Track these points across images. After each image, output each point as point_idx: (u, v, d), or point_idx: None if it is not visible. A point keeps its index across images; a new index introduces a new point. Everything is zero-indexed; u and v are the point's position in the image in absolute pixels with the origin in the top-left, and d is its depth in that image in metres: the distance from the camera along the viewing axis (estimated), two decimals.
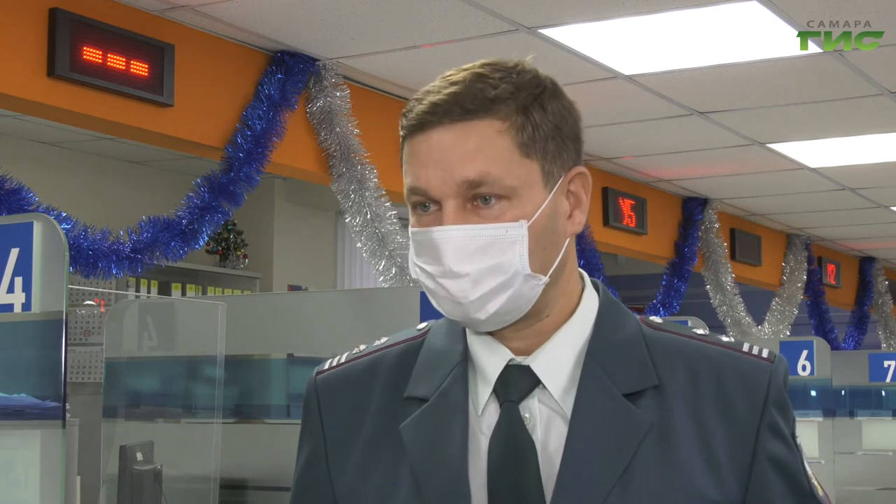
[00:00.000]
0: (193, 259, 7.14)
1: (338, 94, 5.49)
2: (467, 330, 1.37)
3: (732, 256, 9.26)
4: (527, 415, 1.32)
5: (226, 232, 8.02)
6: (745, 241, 9.59)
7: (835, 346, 10.38)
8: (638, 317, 1.40)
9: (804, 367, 6.42)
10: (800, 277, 10.30)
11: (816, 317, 10.72)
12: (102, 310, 6.60)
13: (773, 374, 1.34)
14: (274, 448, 4.20)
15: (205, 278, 7.98)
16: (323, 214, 8.74)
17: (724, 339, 1.39)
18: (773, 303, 10.01)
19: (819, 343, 6.52)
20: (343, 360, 1.45)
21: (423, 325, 1.45)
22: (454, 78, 1.32)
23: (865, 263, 11.90)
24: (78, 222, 4.50)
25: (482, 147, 1.28)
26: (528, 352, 1.34)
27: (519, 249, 1.29)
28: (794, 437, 1.35)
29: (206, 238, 5.07)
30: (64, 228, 4.15)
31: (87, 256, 4.50)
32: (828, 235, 10.67)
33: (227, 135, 5.15)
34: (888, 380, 7.61)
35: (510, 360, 1.34)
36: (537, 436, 1.31)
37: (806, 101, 6.21)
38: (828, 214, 9.62)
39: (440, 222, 1.30)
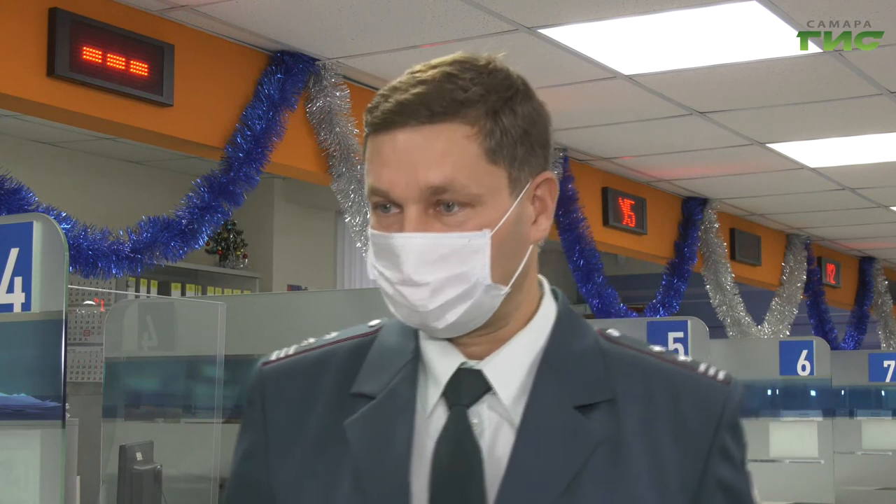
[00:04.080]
0: (193, 259, 7.14)
1: (338, 94, 5.49)
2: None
3: (732, 256, 9.26)
4: (475, 420, 1.28)
5: (226, 232, 8.02)
6: (744, 241, 9.58)
7: (834, 346, 10.38)
8: (595, 329, 1.37)
9: (804, 367, 6.41)
10: (799, 277, 10.29)
11: (816, 317, 10.72)
12: (102, 310, 6.60)
13: (729, 398, 1.33)
14: None
15: (204, 278, 7.98)
16: (323, 214, 8.74)
17: (682, 357, 1.37)
18: (773, 303, 10.01)
19: (819, 343, 6.52)
20: (291, 352, 1.41)
21: (376, 321, 1.41)
22: (422, 76, 1.27)
23: (865, 263, 11.90)
24: (78, 222, 4.50)
25: (449, 152, 1.24)
26: (482, 356, 1.31)
27: (481, 259, 1.25)
28: (744, 462, 1.33)
29: (206, 238, 5.07)
30: (64, 228, 4.15)
31: (86, 256, 4.50)
32: (828, 235, 10.67)
33: (227, 135, 5.15)
34: (888, 380, 7.61)
35: (462, 364, 1.30)
36: (484, 442, 1.28)
37: (806, 101, 6.21)
38: (828, 214, 9.61)
39: (401, 226, 1.26)
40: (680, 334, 5.01)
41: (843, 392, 7.64)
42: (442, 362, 1.32)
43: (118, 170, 7.83)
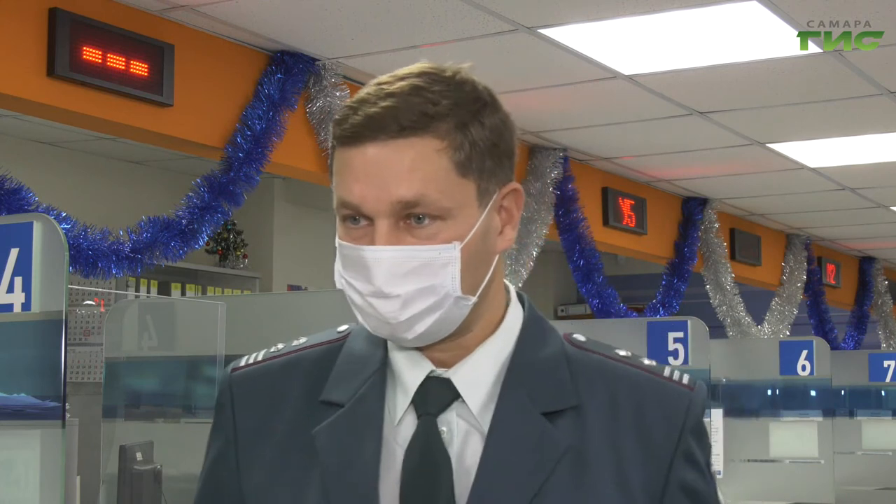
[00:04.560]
0: (193, 259, 7.14)
1: (338, 94, 5.49)
2: None
3: (732, 256, 9.26)
4: (444, 428, 1.30)
5: (226, 232, 8.02)
6: (744, 241, 9.58)
7: (834, 346, 10.37)
8: (562, 334, 1.38)
9: (804, 367, 6.41)
10: (799, 277, 10.29)
11: (816, 317, 10.72)
12: (102, 310, 6.60)
13: (692, 402, 1.34)
14: None
15: (204, 278, 7.98)
16: (323, 214, 8.73)
17: (647, 362, 1.38)
18: (773, 303, 10.01)
19: (819, 343, 6.52)
20: (260, 357, 1.43)
21: (344, 327, 1.42)
22: (390, 88, 1.28)
23: (865, 263, 11.90)
24: (78, 222, 4.50)
25: (419, 166, 1.25)
26: (449, 364, 1.32)
27: (451, 271, 1.27)
28: (708, 465, 1.35)
29: (206, 238, 5.07)
30: (64, 228, 4.15)
31: (86, 256, 4.50)
32: (828, 235, 10.67)
33: (227, 135, 5.15)
34: (888, 380, 7.60)
35: (431, 372, 1.32)
36: (454, 450, 1.29)
37: (806, 101, 6.21)
38: (828, 214, 9.62)
39: (371, 239, 1.27)
40: (680, 334, 5.01)
41: (843, 392, 7.63)
42: (410, 371, 1.33)
43: (118, 170, 7.83)
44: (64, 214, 4.41)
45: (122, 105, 4.72)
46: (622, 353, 1.39)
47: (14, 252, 2.65)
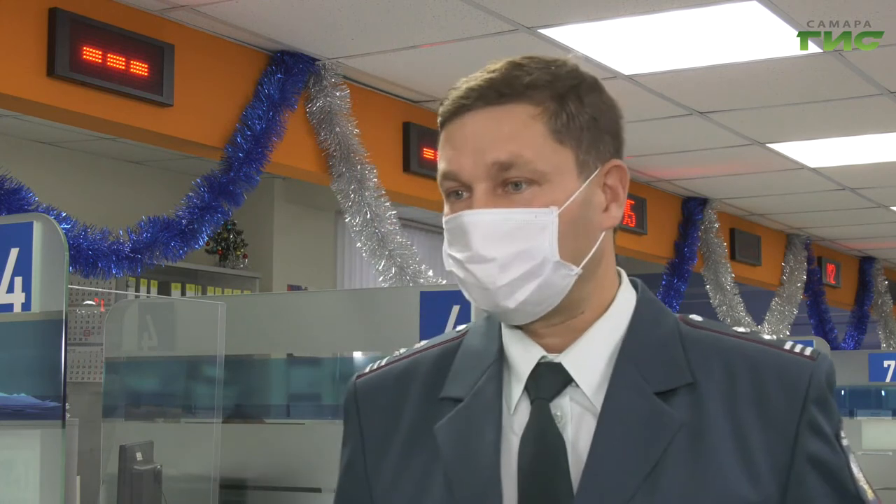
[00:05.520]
0: (193, 259, 7.14)
1: (337, 94, 5.49)
2: (503, 328, 1.36)
3: (732, 256, 9.26)
4: (558, 413, 1.30)
5: (226, 232, 8.02)
6: (744, 240, 9.59)
7: (835, 346, 10.37)
8: (677, 315, 1.37)
9: None
10: (799, 277, 10.30)
11: (816, 317, 10.71)
12: (102, 310, 6.60)
13: (815, 373, 1.31)
14: (274, 448, 4.20)
15: (204, 278, 7.98)
16: (323, 214, 8.74)
17: (766, 336, 1.36)
18: (773, 303, 10.01)
19: (819, 343, 6.51)
20: (383, 363, 1.45)
21: (463, 327, 1.44)
22: (492, 67, 1.32)
23: (865, 263, 11.90)
24: (78, 222, 4.50)
25: (514, 130, 1.28)
26: (561, 349, 1.32)
27: (548, 236, 1.27)
28: (838, 437, 1.31)
29: (206, 238, 5.07)
30: (64, 228, 4.15)
31: (86, 256, 4.50)
32: (828, 235, 10.67)
33: (227, 135, 5.15)
34: (888, 380, 7.61)
35: (542, 358, 1.32)
36: (568, 434, 1.29)
37: (806, 101, 6.22)
38: (828, 214, 9.62)
39: (471, 207, 1.29)
40: None
41: (843, 392, 7.64)
42: (522, 358, 1.33)
43: (118, 170, 7.83)
44: (64, 214, 4.42)
45: (122, 105, 4.72)
46: (740, 329, 1.37)
47: (14, 252, 2.65)
